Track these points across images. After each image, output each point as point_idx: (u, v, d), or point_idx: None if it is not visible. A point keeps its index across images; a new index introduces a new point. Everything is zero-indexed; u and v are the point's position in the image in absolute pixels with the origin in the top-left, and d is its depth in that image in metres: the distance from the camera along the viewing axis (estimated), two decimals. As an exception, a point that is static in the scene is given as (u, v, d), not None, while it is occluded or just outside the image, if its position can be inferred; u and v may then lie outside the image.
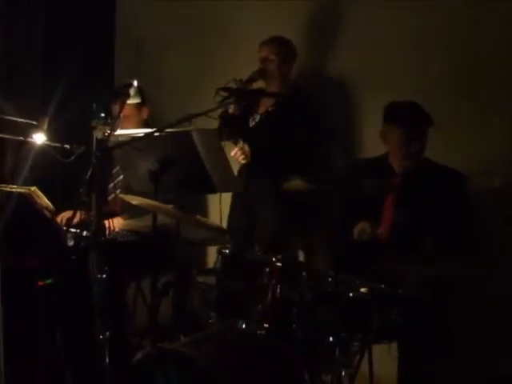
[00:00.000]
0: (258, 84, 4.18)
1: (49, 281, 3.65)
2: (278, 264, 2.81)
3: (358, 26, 4.25)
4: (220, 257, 2.96)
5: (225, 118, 4.03)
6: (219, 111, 3.22)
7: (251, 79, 3.96)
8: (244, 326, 2.81)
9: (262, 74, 4.03)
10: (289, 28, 4.31)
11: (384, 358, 3.31)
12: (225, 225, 3.98)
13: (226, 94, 3.13)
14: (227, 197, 4.16)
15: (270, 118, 4.15)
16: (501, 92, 3.76)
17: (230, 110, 4.05)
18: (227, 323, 2.90)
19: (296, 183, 2.92)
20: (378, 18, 4.16)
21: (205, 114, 3.01)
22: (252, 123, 4.21)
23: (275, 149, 4.00)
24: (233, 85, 3.84)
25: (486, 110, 3.80)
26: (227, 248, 2.96)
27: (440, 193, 3.34)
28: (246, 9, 4.69)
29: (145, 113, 4.38)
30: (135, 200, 3.37)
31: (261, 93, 3.92)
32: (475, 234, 3.31)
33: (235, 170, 3.49)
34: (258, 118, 4.21)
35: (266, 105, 4.21)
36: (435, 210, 3.24)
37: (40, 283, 3.63)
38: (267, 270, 2.80)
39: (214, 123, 3.21)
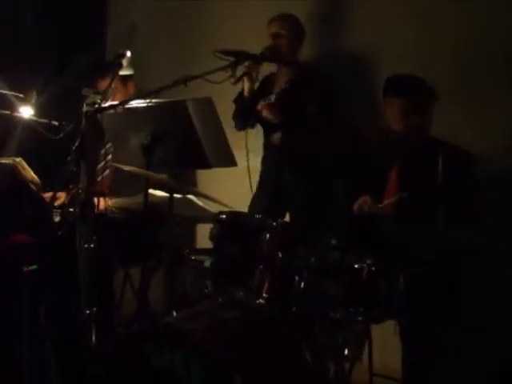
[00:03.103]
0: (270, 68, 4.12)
1: (33, 267, 3.51)
2: (279, 229, 2.66)
3: (365, 9, 4.17)
4: (217, 223, 2.79)
5: (240, 101, 3.93)
6: (217, 77, 3.05)
7: (262, 54, 3.78)
8: (242, 294, 2.64)
9: (273, 49, 3.89)
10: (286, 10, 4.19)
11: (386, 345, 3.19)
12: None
13: (225, 57, 2.97)
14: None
15: (284, 96, 4.02)
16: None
17: (245, 92, 3.95)
18: (223, 298, 2.73)
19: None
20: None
21: (203, 76, 2.86)
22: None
23: (290, 125, 3.88)
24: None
25: (502, 84, 3.71)
26: (225, 214, 2.80)
27: (446, 172, 3.20)
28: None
29: (131, 87, 4.21)
30: (128, 167, 3.21)
31: (265, 57, 3.76)
32: (483, 210, 3.18)
33: (233, 144, 3.34)
34: (272, 98, 4.07)
35: (279, 85, 4.09)
36: (440, 188, 3.11)
37: (24, 269, 3.49)
38: (267, 235, 2.65)
39: (210, 90, 3.04)
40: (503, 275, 3.48)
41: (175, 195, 3.39)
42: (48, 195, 3.75)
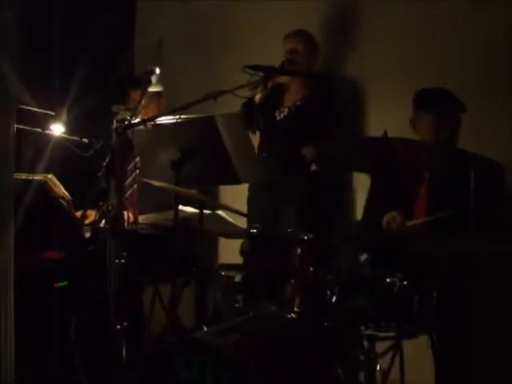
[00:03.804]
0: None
1: (64, 283, 3.52)
2: (311, 244, 2.64)
3: (373, 23, 4.22)
4: (248, 238, 2.79)
5: (249, 106, 3.92)
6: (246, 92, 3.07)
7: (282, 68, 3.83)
8: (273, 309, 2.63)
9: (290, 64, 3.90)
10: (304, 27, 4.23)
11: (417, 360, 3.14)
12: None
13: (255, 72, 2.98)
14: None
15: (298, 112, 4.05)
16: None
17: (257, 99, 3.91)
18: (254, 312, 2.72)
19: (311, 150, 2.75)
20: (395, 14, 4.12)
21: (232, 91, 2.87)
22: (279, 116, 4.12)
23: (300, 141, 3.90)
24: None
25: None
26: (256, 228, 2.79)
27: (476, 184, 3.16)
28: (260, 8, 4.62)
29: (163, 103, 4.26)
30: (158, 183, 3.22)
31: (293, 71, 3.78)
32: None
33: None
34: (286, 111, 4.11)
35: (293, 98, 4.12)
36: (472, 202, 3.07)
37: (55, 285, 3.51)
38: (299, 250, 2.63)
39: (235, 105, 3.05)
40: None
41: (205, 211, 3.41)
42: (79, 213, 3.79)
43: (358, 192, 4.10)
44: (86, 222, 3.77)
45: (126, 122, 3.21)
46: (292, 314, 2.62)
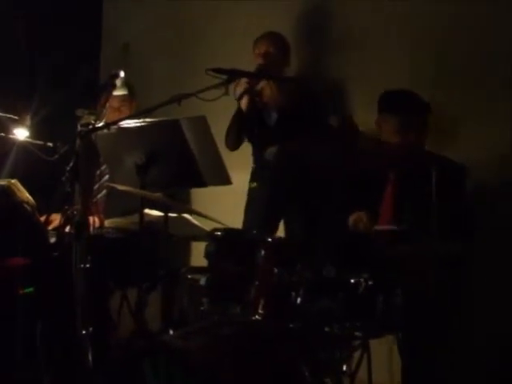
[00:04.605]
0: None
1: (29, 289, 3.49)
2: (275, 245, 2.65)
3: (349, 25, 4.21)
4: (212, 240, 2.78)
5: (240, 117, 3.95)
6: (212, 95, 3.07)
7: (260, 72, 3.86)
8: (238, 311, 2.63)
9: (264, 68, 3.91)
10: (274, 27, 4.22)
11: (384, 361, 3.17)
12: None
13: (218, 75, 2.97)
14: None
15: (290, 115, 4.01)
16: (505, 80, 3.65)
17: (243, 106, 3.94)
18: (220, 315, 2.72)
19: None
20: (374, 14, 4.12)
21: (195, 94, 2.86)
22: (270, 121, 4.09)
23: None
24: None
25: (492, 98, 3.68)
26: (220, 230, 2.79)
27: (439, 185, 3.20)
28: (230, 8, 4.65)
29: (135, 107, 4.21)
30: (123, 187, 3.20)
31: (260, 75, 3.79)
32: (475, 224, 3.19)
33: (228, 162, 3.34)
34: (275, 115, 4.07)
35: (276, 102, 4.06)
36: (435, 203, 3.11)
37: (20, 291, 3.47)
38: (263, 251, 2.63)
39: (203, 108, 3.04)
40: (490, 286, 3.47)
41: (170, 214, 3.40)
42: (43, 218, 3.75)
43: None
44: (50, 226, 3.75)
45: (90, 126, 3.20)
46: (257, 316, 2.62)
